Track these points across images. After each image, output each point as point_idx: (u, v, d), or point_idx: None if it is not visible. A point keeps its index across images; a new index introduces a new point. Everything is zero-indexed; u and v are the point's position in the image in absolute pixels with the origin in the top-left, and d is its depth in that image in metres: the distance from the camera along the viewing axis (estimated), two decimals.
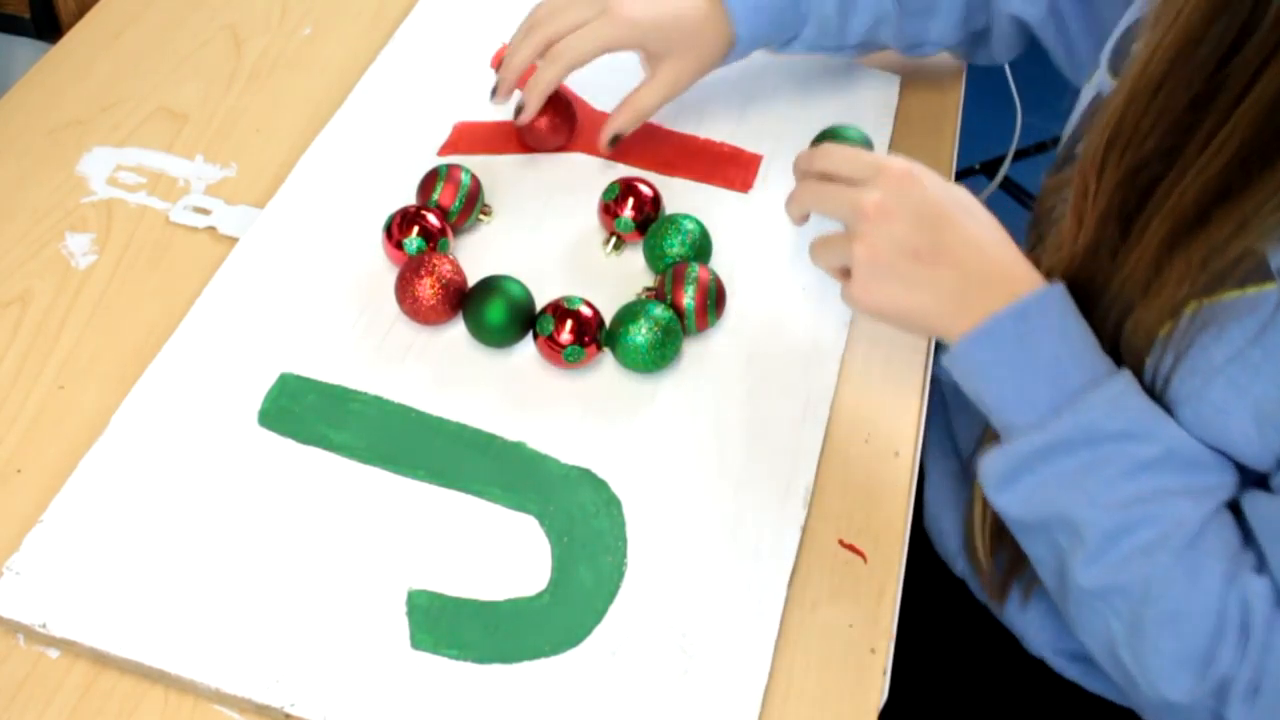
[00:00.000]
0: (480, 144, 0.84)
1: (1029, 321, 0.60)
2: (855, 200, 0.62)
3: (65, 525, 0.62)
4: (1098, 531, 0.57)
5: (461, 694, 0.58)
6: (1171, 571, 0.56)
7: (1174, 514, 0.57)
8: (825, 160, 0.66)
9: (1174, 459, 0.58)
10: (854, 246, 0.62)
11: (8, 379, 0.69)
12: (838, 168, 0.65)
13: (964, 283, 0.61)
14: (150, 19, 0.91)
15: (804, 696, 0.60)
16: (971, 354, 0.61)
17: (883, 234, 0.62)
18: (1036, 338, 0.60)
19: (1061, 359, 0.59)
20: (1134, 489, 0.57)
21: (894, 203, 0.62)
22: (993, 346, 0.60)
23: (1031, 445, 0.59)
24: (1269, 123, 0.52)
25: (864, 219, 0.62)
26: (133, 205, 0.78)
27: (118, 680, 0.58)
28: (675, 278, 0.72)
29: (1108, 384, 0.59)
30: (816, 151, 0.67)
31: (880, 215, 0.61)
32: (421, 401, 0.69)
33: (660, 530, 0.64)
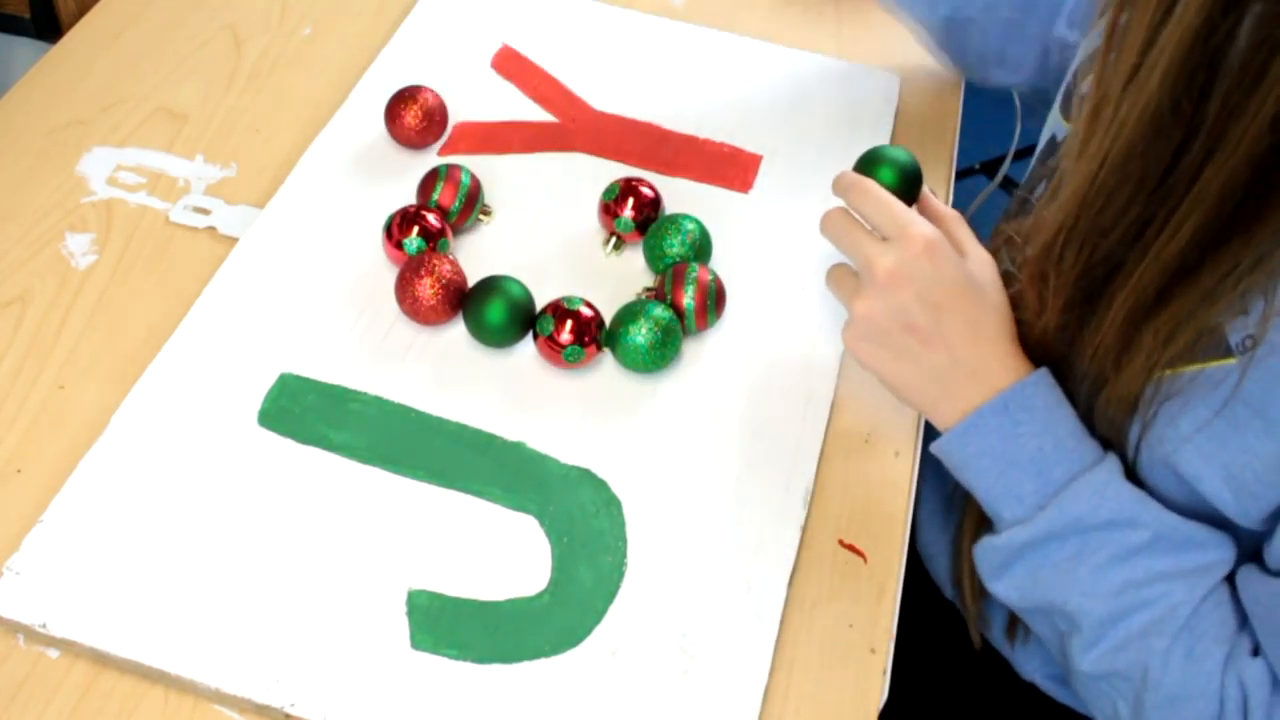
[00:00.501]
0: (480, 144, 0.84)
1: (1010, 414, 0.60)
2: (870, 259, 0.62)
3: (65, 525, 0.62)
4: (1092, 619, 0.58)
5: (461, 694, 0.58)
6: (1169, 656, 0.57)
7: (1168, 598, 0.57)
8: (859, 200, 0.65)
9: (1163, 542, 0.58)
10: (856, 301, 0.63)
11: (8, 379, 0.69)
12: (866, 213, 0.64)
13: (951, 368, 0.62)
14: (150, 19, 0.91)
15: (804, 696, 0.60)
16: (957, 447, 0.62)
17: (885, 301, 0.62)
18: (1019, 430, 0.60)
19: (1045, 451, 0.60)
20: (1125, 575, 0.58)
21: (906, 273, 0.61)
22: (977, 439, 0.61)
23: (1020, 538, 0.60)
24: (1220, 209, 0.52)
25: (873, 281, 0.62)
26: (133, 205, 0.78)
27: (118, 680, 0.58)
28: (675, 278, 0.72)
29: (1092, 473, 0.59)
30: (854, 185, 0.65)
31: (889, 282, 0.62)
32: (421, 401, 0.69)
33: (660, 530, 0.64)
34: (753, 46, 0.93)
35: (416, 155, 0.82)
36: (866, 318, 0.62)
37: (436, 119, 0.81)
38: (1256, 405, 0.55)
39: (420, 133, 0.81)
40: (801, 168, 0.84)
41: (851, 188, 0.65)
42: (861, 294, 0.63)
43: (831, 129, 0.87)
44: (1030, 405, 0.60)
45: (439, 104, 0.82)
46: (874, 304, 0.62)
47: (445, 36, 0.91)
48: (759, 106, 0.89)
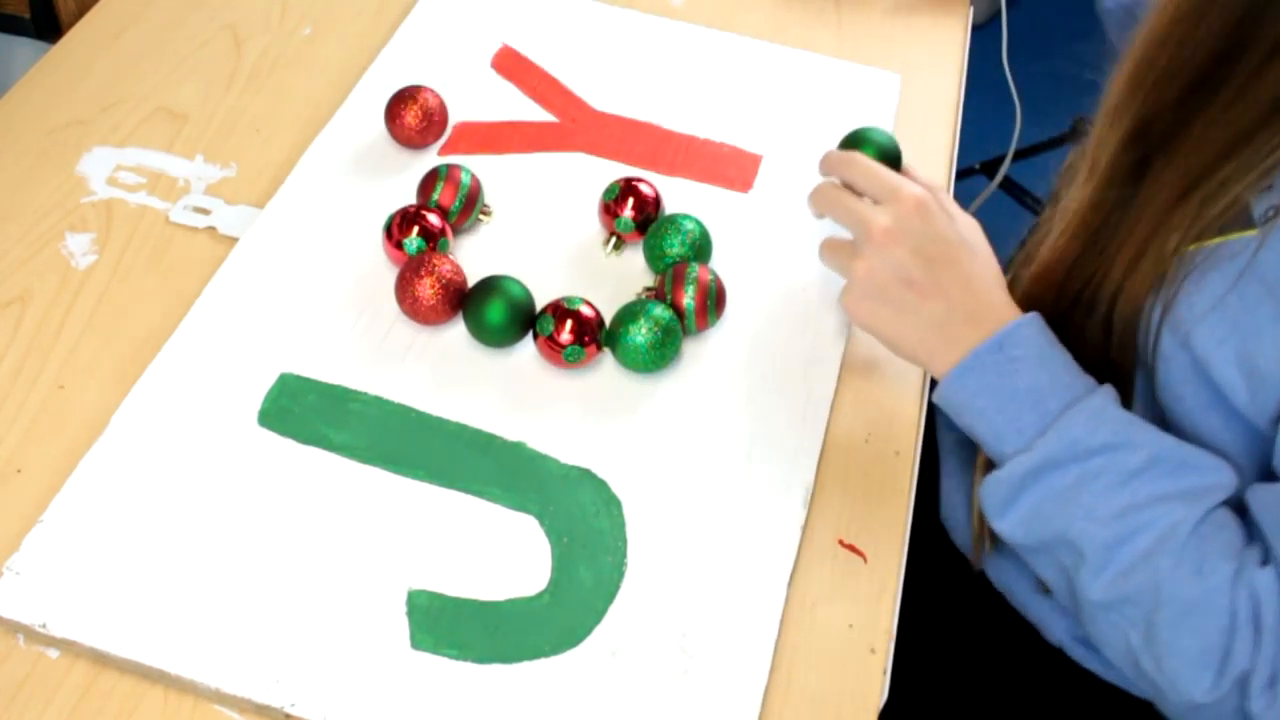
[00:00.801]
0: (480, 144, 0.84)
1: (1005, 351, 0.62)
2: (865, 219, 0.65)
3: (65, 525, 0.62)
4: (1097, 545, 0.59)
5: (461, 694, 0.58)
6: (1176, 574, 0.57)
7: (1168, 518, 0.58)
8: (848, 169, 0.69)
9: (1162, 464, 0.59)
10: (855, 263, 0.65)
11: (8, 379, 0.69)
12: (858, 181, 0.68)
13: (949, 316, 0.64)
14: (150, 19, 0.91)
15: (804, 696, 0.60)
16: (956, 389, 0.63)
17: (883, 258, 0.64)
18: (1014, 367, 0.62)
19: (1040, 384, 0.61)
20: (1126, 498, 0.58)
21: (901, 230, 0.65)
22: (975, 379, 0.63)
23: (1022, 468, 0.60)
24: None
25: (869, 240, 0.65)
26: (133, 205, 0.78)
27: (118, 680, 0.58)
28: (675, 278, 0.72)
29: (1087, 400, 0.60)
30: (842, 158, 0.70)
31: (885, 240, 0.64)
32: (421, 401, 0.69)
33: (660, 530, 0.64)
34: (753, 46, 0.93)
35: (416, 155, 0.82)
36: (866, 276, 0.65)
37: (436, 119, 0.81)
38: (1270, 283, 0.56)
39: (420, 133, 0.81)
40: (801, 168, 0.84)
41: (839, 160, 0.69)
42: (859, 254, 0.65)
43: (831, 129, 0.87)
44: (1024, 342, 0.62)
45: (439, 104, 0.82)
46: (872, 261, 0.64)
47: (445, 36, 0.91)
48: (759, 106, 0.89)
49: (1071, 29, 0.83)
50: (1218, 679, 0.56)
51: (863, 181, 0.67)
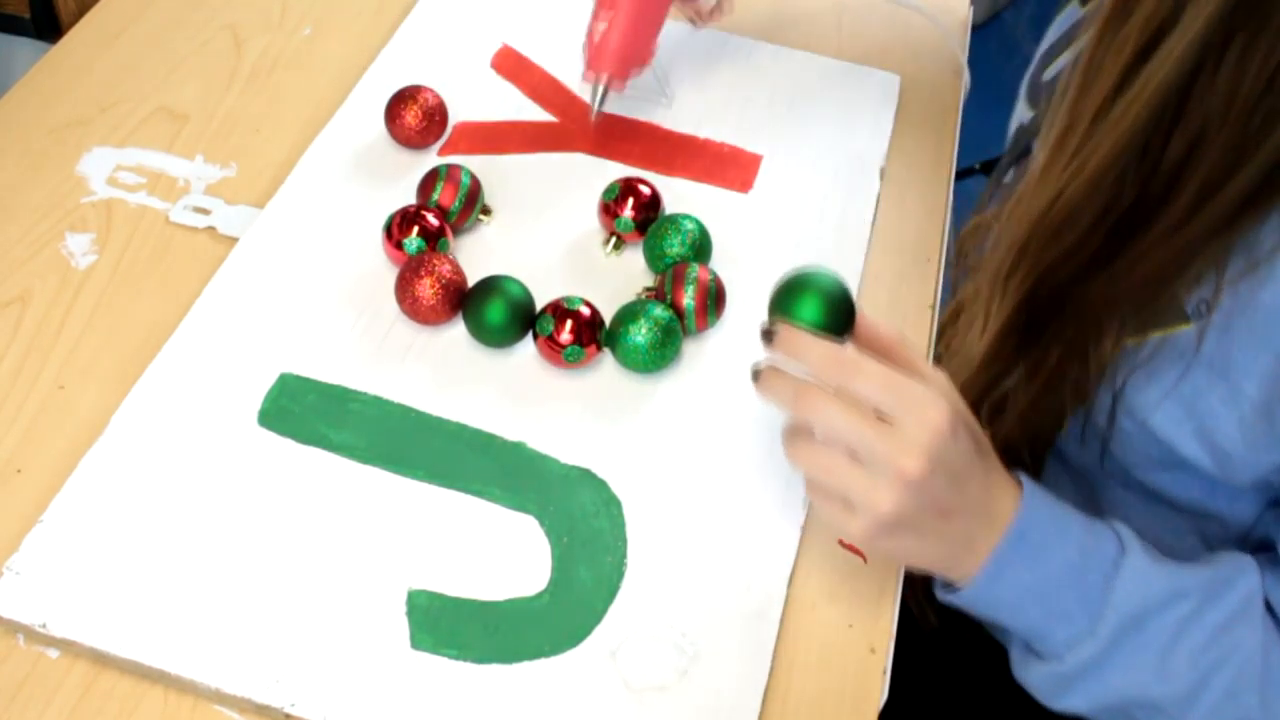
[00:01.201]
0: (480, 144, 0.84)
1: (1028, 541, 0.58)
2: (893, 456, 0.54)
3: (65, 525, 0.62)
4: (1177, 699, 0.57)
5: (461, 694, 0.58)
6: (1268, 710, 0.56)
7: (1236, 650, 0.57)
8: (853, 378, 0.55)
9: (1209, 596, 0.58)
10: (876, 498, 0.55)
11: (8, 379, 0.69)
12: (859, 389, 0.55)
13: (972, 528, 0.58)
14: (150, 19, 0.91)
15: (804, 696, 0.60)
16: (987, 595, 0.59)
17: (919, 496, 0.55)
18: (1041, 554, 0.58)
19: (1071, 560, 0.58)
20: (1189, 644, 0.57)
21: (936, 462, 0.54)
22: (1007, 581, 0.58)
23: (1084, 656, 0.58)
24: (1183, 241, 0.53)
25: (901, 477, 0.54)
26: (133, 205, 0.78)
27: (118, 680, 0.58)
28: (675, 278, 0.72)
29: (1124, 565, 0.58)
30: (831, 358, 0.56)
31: (922, 476, 0.54)
32: (421, 401, 0.69)
33: (660, 530, 0.64)
34: (753, 46, 0.93)
35: (416, 155, 0.82)
36: (895, 515, 0.55)
37: (436, 119, 0.81)
38: (1219, 368, 0.56)
39: (420, 133, 0.81)
40: (801, 168, 0.84)
41: (829, 361, 0.56)
42: (884, 488, 0.54)
43: (831, 129, 0.88)
44: (1040, 521, 0.58)
45: (439, 104, 0.82)
46: (905, 501, 0.55)
47: (445, 36, 0.91)
48: (759, 106, 0.89)
49: None
50: None
51: (866, 389, 0.55)
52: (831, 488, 0.56)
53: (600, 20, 0.77)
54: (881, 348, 0.58)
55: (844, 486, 0.55)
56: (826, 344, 0.56)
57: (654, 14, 0.79)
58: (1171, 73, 0.50)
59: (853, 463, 0.55)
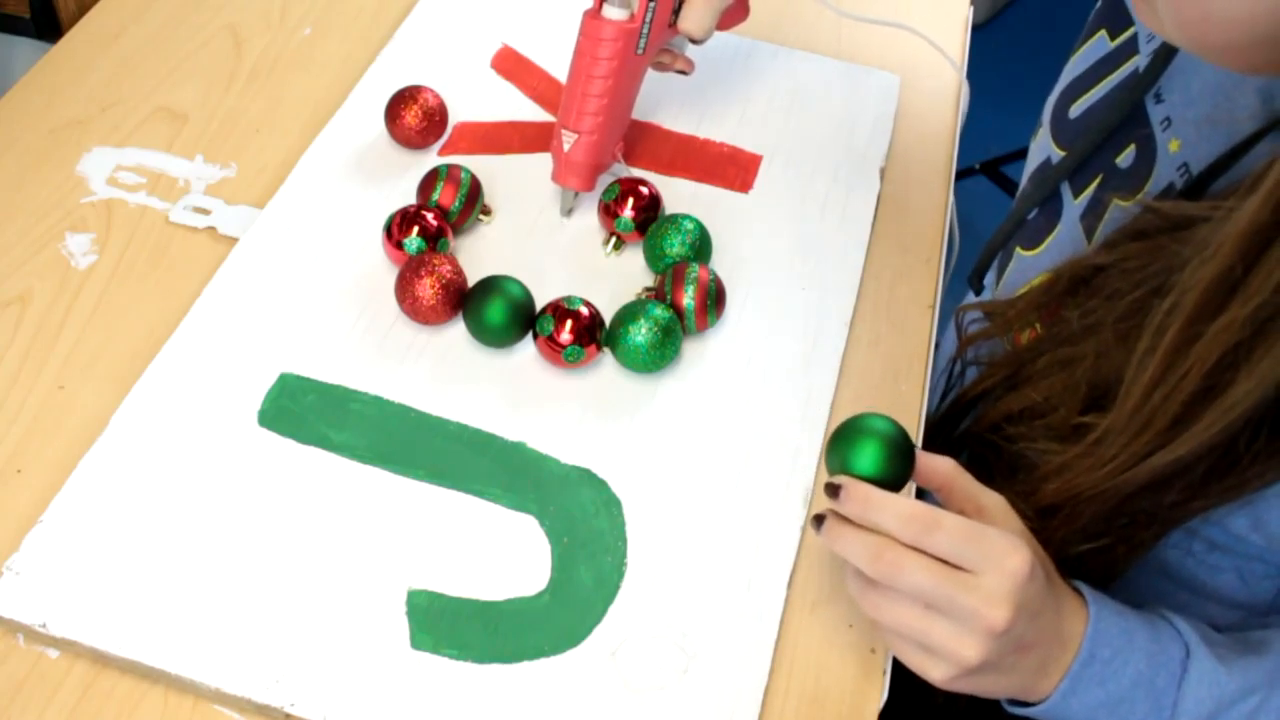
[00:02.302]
0: (480, 144, 0.84)
1: (1098, 660, 0.58)
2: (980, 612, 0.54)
3: (65, 525, 0.62)
4: None
5: (461, 694, 0.58)
6: None
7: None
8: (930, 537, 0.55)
9: (1272, 686, 0.58)
10: (965, 654, 0.55)
11: (8, 379, 0.69)
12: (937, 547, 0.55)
13: (1047, 654, 0.58)
14: (150, 19, 0.91)
15: (804, 696, 0.60)
16: (1060, 713, 0.59)
17: (1003, 642, 0.55)
18: (1111, 669, 0.58)
19: (1141, 671, 0.58)
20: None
21: (1017, 607, 0.55)
22: (1080, 699, 0.58)
23: None
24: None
25: (990, 630, 0.54)
26: (132, 205, 0.78)
27: (118, 680, 0.58)
28: (675, 278, 0.72)
29: (1191, 671, 0.58)
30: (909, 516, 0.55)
31: (1009, 625, 0.54)
32: (421, 401, 0.69)
33: (660, 530, 0.64)
34: (752, 46, 0.93)
35: (416, 155, 0.82)
36: (982, 662, 0.55)
37: (436, 119, 0.81)
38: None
39: (420, 133, 0.81)
40: (801, 168, 0.84)
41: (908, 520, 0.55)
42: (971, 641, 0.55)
43: (831, 129, 0.88)
44: (1108, 637, 0.58)
45: (439, 104, 0.82)
46: (992, 649, 0.55)
47: (445, 36, 0.91)
48: (759, 106, 0.89)
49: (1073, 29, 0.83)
50: None
51: (944, 546, 0.55)
52: (914, 638, 0.56)
53: (567, 135, 0.76)
54: (941, 482, 0.59)
55: (927, 638, 0.56)
56: (900, 501, 0.56)
57: (619, 126, 0.78)
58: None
59: (933, 613, 0.55)
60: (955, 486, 0.59)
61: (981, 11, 1.06)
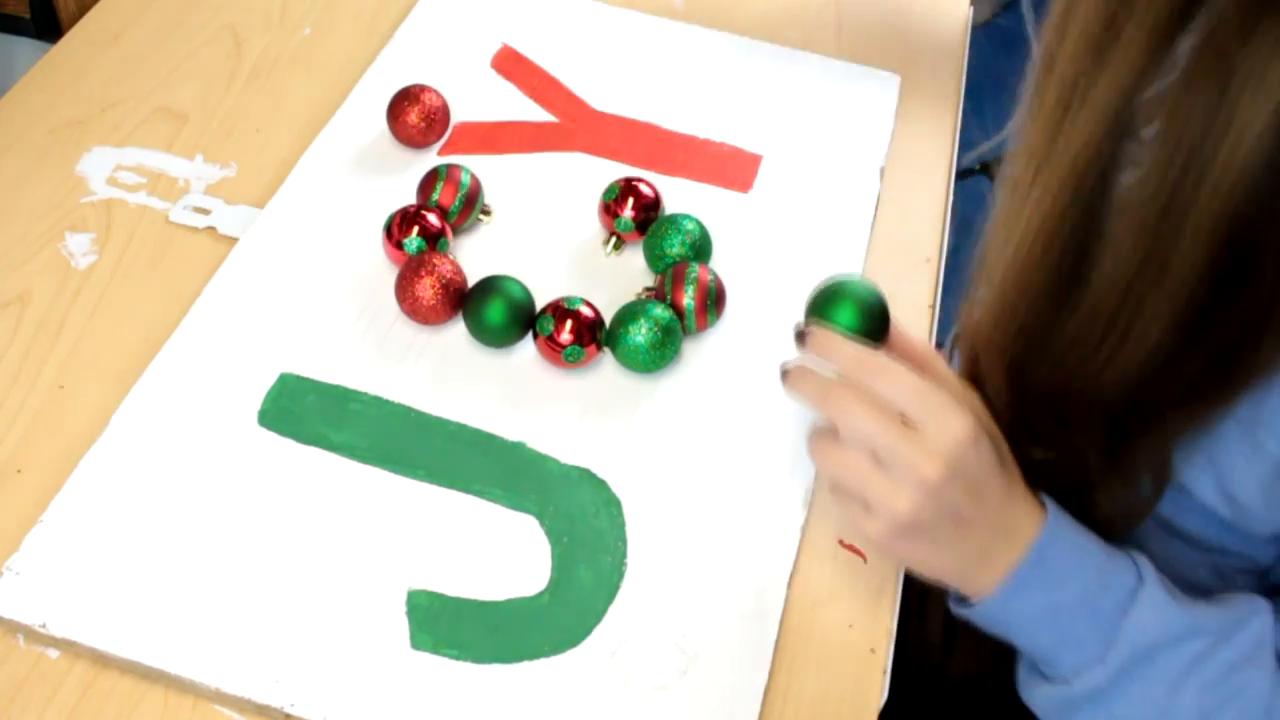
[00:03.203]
0: (480, 144, 0.84)
1: (1046, 565, 0.57)
2: (915, 461, 0.55)
3: (65, 525, 0.62)
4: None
5: (461, 694, 0.58)
6: None
7: (1245, 690, 0.56)
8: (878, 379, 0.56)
9: (1222, 637, 0.57)
10: (895, 501, 0.55)
11: (8, 379, 0.69)
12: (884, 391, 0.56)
13: (990, 543, 0.58)
14: (150, 19, 0.91)
15: (804, 696, 0.60)
16: (999, 613, 0.59)
17: (937, 501, 0.55)
18: (1059, 578, 0.57)
19: (1089, 588, 0.57)
20: (1199, 682, 0.57)
21: (957, 469, 0.55)
22: (1021, 601, 0.58)
23: (1091, 683, 0.58)
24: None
25: (921, 482, 0.55)
26: (132, 205, 0.78)
27: (118, 680, 0.58)
28: (675, 278, 0.72)
29: (1141, 596, 0.57)
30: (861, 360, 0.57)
31: (941, 482, 0.55)
32: (421, 401, 0.69)
33: (660, 530, 0.64)
34: (753, 46, 0.93)
35: (416, 155, 0.82)
36: (912, 518, 0.55)
37: (439, 119, 0.81)
38: (1247, 425, 0.55)
39: (422, 132, 0.81)
40: (801, 168, 0.84)
41: (859, 362, 0.57)
42: (904, 492, 0.55)
43: (831, 129, 0.88)
44: (1060, 545, 0.58)
45: (442, 104, 0.82)
46: (923, 505, 0.55)
47: (445, 36, 0.91)
48: (759, 106, 0.89)
49: None
50: None
51: (896, 398, 0.55)
52: (852, 488, 0.57)
53: None
54: (914, 360, 0.58)
55: (864, 488, 0.56)
56: (857, 345, 0.57)
57: None
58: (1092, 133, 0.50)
59: (874, 465, 0.56)
60: (930, 368, 0.58)
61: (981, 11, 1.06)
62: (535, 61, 0.90)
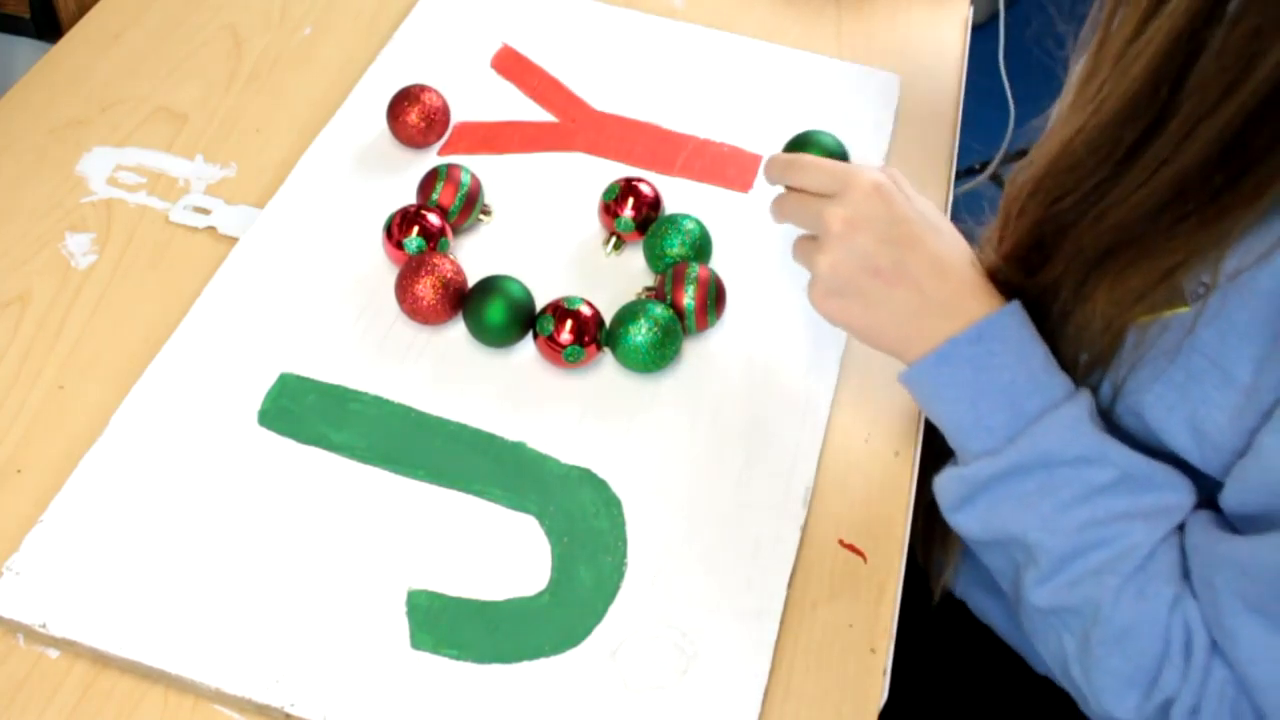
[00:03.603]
0: (480, 144, 0.84)
1: (984, 344, 0.60)
2: (822, 213, 0.64)
3: (65, 525, 0.62)
4: (1051, 555, 0.59)
5: (461, 694, 0.58)
6: (1121, 594, 0.57)
7: (1127, 537, 0.58)
8: (795, 174, 0.67)
9: (1128, 482, 0.58)
10: (818, 258, 0.64)
11: (8, 379, 0.69)
12: (806, 182, 0.66)
13: (923, 305, 0.62)
14: (150, 19, 0.91)
15: (804, 696, 0.60)
16: (927, 377, 0.62)
17: (846, 249, 0.63)
18: (992, 362, 0.60)
19: (1018, 383, 0.60)
20: (1088, 513, 0.58)
21: (860, 217, 0.63)
22: (949, 371, 0.61)
23: (988, 471, 0.60)
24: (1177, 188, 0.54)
25: (829, 233, 0.63)
26: (132, 205, 0.78)
27: (118, 680, 0.58)
28: (675, 278, 0.72)
29: (1064, 409, 0.59)
30: (785, 162, 0.68)
31: (846, 229, 0.63)
32: (421, 401, 0.69)
33: (660, 530, 0.64)
34: (753, 46, 0.93)
35: (416, 155, 0.82)
36: (830, 271, 0.63)
37: (439, 118, 0.81)
38: (1213, 355, 0.56)
39: (423, 132, 0.81)
40: None
41: (783, 166, 0.67)
42: (822, 249, 0.63)
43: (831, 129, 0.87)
44: (1004, 336, 0.60)
45: (442, 104, 0.82)
46: (835, 254, 0.63)
47: (445, 36, 0.91)
48: (759, 106, 0.89)
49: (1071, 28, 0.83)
50: (1143, 702, 0.57)
51: (811, 180, 0.65)
52: (804, 261, 0.66)
53: None
54: None
55: (807, 258, 0.65)
56: (781, 155, 0.69)
57: None
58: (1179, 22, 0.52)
59: (812, 238, 0.65)
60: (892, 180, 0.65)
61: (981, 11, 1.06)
62: (535, 61, 0.90)
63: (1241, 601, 0.55)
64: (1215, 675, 0.56)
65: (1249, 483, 0.56)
